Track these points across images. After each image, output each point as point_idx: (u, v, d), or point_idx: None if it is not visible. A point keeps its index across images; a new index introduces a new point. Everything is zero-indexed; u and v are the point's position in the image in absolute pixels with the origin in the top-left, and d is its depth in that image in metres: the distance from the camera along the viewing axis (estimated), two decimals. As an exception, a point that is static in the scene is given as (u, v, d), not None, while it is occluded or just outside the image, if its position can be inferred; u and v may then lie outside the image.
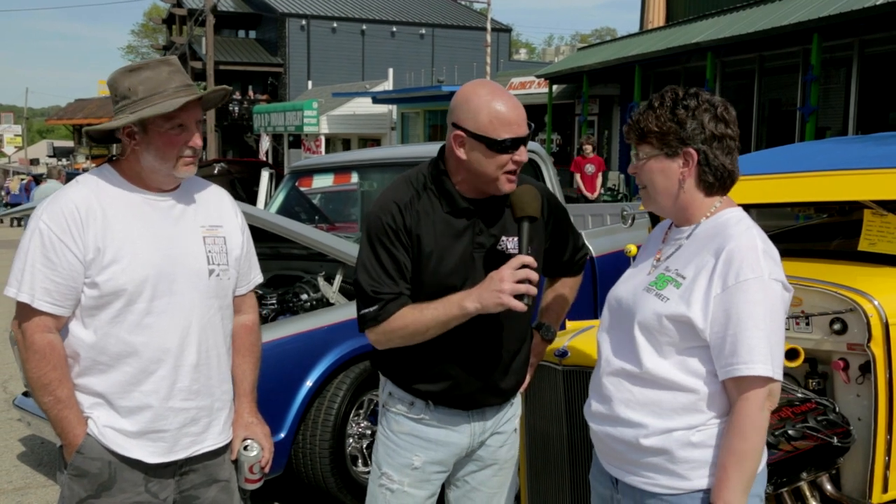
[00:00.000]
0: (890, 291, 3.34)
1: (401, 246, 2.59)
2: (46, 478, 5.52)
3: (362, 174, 7.32)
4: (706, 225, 2.28)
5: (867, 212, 3.80)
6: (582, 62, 23.35)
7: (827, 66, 15.81)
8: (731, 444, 2.14)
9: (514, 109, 2.54)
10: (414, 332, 2.54)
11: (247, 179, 12.18)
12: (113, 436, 2.46)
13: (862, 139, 5.32)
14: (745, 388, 2.12)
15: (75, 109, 55.09)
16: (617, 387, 2.31)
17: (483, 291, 2.42)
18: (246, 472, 2.68)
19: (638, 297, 2.31)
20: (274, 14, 45.59)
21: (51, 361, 2.40)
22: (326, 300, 5.28)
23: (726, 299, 2.13)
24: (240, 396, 2.72)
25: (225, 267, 2.62)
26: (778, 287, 2.16)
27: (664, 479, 2.23)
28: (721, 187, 2.30)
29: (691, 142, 2.23)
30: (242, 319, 2.77)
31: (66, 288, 2.39)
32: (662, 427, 2.22)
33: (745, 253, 2.15)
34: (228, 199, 2.76)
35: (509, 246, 2.65)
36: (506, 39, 49.94)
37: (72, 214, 2.39)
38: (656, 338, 2.23)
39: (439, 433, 2.74)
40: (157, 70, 2.49)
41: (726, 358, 2.13)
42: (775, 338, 2.13)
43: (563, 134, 26.77)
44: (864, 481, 3.22)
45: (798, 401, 3.13)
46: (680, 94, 2.27)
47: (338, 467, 4.67)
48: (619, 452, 2.33)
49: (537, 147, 6.17)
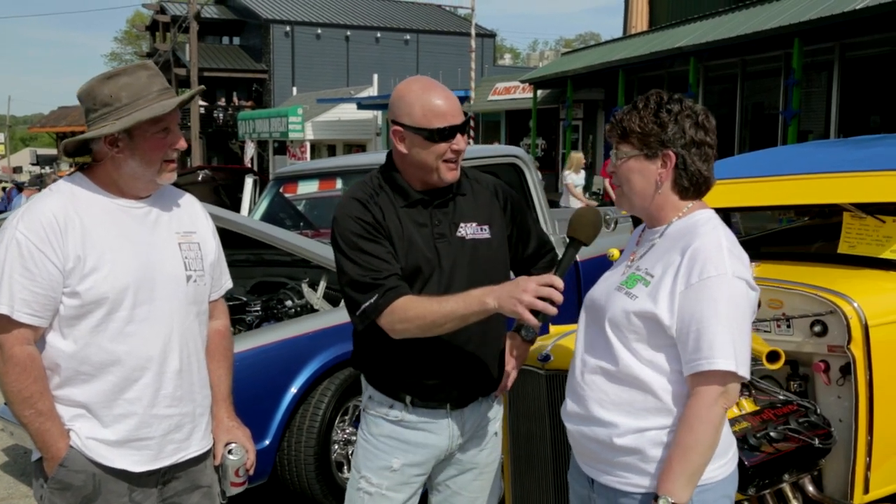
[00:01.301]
0: (869, 293, 3.37)
1: (382, 237, 2.63)
2: (29, 488, 5.48)
3: (347, 180, 7.31)
4: (677, 225, 2.33)
5: (846, 215, 3.84)
6: (566, 67, 23.43)
7: (808, 69, 15.91)
8: (677, 437, 2.17)
9: (447, 100, 2.64)
10: (432, 323, 2.52)
11: (231, 186, 12.16)
12: (96, 447, 2.44)
13: (843, 143, 5.35)
14: (701, 382, 2.15)
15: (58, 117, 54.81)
16: (591, 387, 2.35)
17: (503, 293, 2.41)
18: (231, 475, 2.67)
19: (610, 295, 2.36)
20: (258, 20, 45.50)
21: (31, 374, 2.36)
22: (311, 307, 5.27)
23: (690, 296, 2.17)
24: (217, 401, 2.71)
25: (201, 272, 2.61)
26: (742, 285, 2.19)
27: (637, 479, 2.26)
28: (695, 192, 2.34)
29: (671, 144, 2.28)
30: (215, 325, 2.76)
31: (45, 298, 2.36)
32: (635, 426, 2.25)
33: (710, 251, 2.18)
34: (198, 205, 2.75)
35: (468, 232, 2.71)
36: (490, 45, 50.00)
37: (50, 224, 2.36)
38: (625, 334, 2.27)
39: (418, 435, 2.75)
40: (136, 75, 2.47)
41: (690, 354, 2.17)
42: (739, 334, 2.15)
43: (547, 139, 26.82)
44: (845, 482, 3.24)
45: (780, 403, 3.15)
46: (664, 98, 2.31)
47: (323, 474, 4.67)
48: (593, 452, 2.36)
49: (520, 151, 6.18)
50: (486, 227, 2.77)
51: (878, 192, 3.63)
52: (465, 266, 2.69)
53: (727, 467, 2.30)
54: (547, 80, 24.30)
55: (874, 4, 13.09)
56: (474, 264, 2.71)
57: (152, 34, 51.55)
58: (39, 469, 2.48)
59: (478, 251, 2.73)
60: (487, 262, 2.74)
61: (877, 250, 3.69)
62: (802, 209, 4.82)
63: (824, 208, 4.62)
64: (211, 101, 43.06)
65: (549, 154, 26.73)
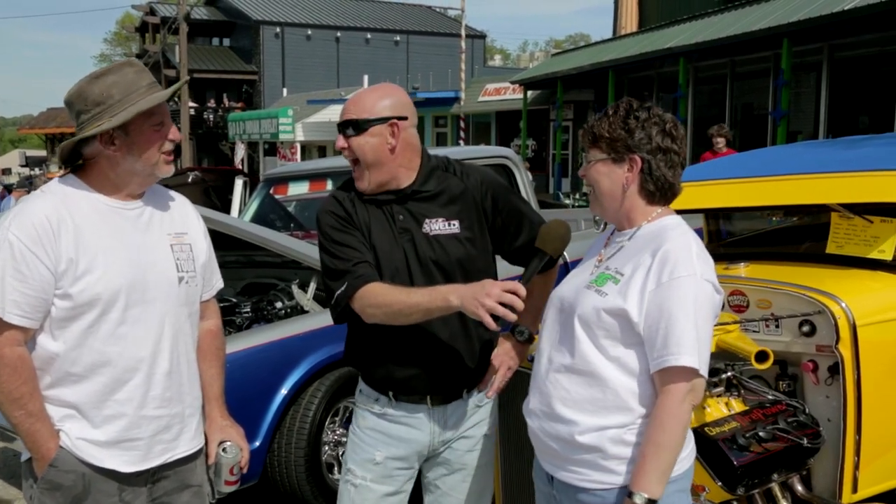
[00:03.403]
0: (857, 293, 3.38)
1: (354, 229, 2.71)
2: (19, 490, 5.46)
3: (337, 181, 7.28)
4: (646, 228, 2.40)
5: (834, 215, 3.85)
6: (556, 68, 23.48)
7: (797, 70, 15.97)
8: (650, 435, 2.23)
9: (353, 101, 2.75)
10: (398, 311, 2.57)
11: (221, 188, 12.13)
12: (86, 447, 2.44)
13: (831, 143, 5.38)
14: (669, 379, 2.21)
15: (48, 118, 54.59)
16: (554, 384, 2.40)
17: (467, 293, 2.45)
18: (225, 474, 2.69)
19: (579, 293, 2.41)
20: (248, 22, 45.42)
21: (22, 375, 2.37)
22: (301, 308, 5.27)
23: (660, 295, 2.24)
24: (210, 401, 2.72)
25: (193, 274, 2.61)
26: (709, 287, 2.27)
27: (596, 475, 2.32)
28: (662, 197, 2.42)
29: (637, 150, 2.37)
30: (207, 325, 2.76)
31: (36, 300, 2.36)
32: (597, 424, 2.30)
33: (680, 253, 2.26)
34: (190, 206, 2.76)
35: (433, 228, 2.74)
36: (480, 46, 50.02)
37: (42, 226, 2.35)
38: (594, 331, 2.32)
39: (400, 429, 2.80)
40: (122, 72, 2.47)
41: (658, 350, 2.23)
42: (703, 334, 2.23)
43: (537, 139, 26.87)
44: (834, 482, 3.25)
45: (768, 403, 3.16)
46: (633, 106, 2.40)
47: (313, 475, 4.66)
48: (553, 449, 2.41)
49: (510, 152, 6.20)
50: (456, 221, 2.77)
51: (866, 193, 3.65)
52: (430, 262, 2.71)
53: (685, 462, 2.36)
54: (537, 80, 24.35)
55: (863, 5, 13.16)
56: (443, 259, 2.73)
57: (142, 35, 51.39)
58: (29, 469, 2.48)
59: (444, 247, 2.74)
60: (455, 257, 2.74)
61: (865, 250, 3.70)
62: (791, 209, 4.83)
63: (812, 208, 4.64)
64: (201, 103, 42.95)
65: (539, 155, 26.77)
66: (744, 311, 3.54)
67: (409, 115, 2.74)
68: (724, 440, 2.87)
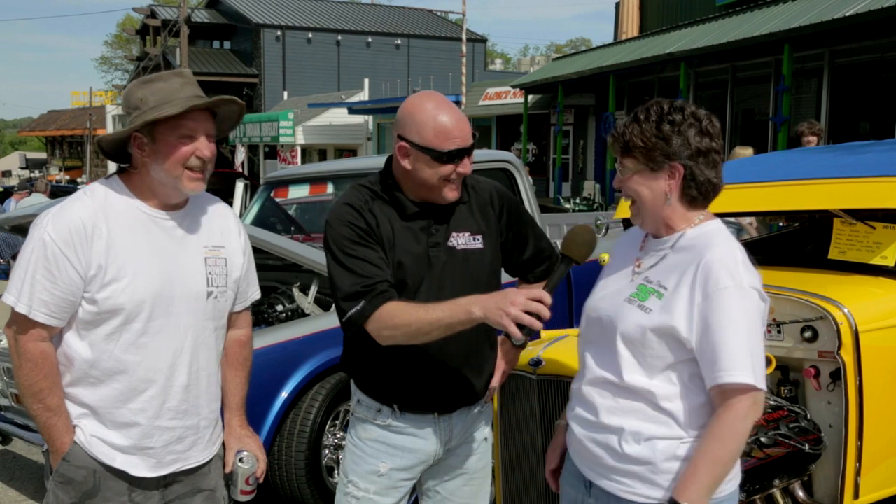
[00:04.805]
0: (859, 299, 3.38)
1: (374, 243, 2.62)
2: (19, 493, 5.46)
3: (338, 185, 7.31)
4: (690, 235, 2.28)
5: (837, 221, 3.85)
6: (557, 72, 23.49)
7: (798, 76, 16.00)
8: (707, 447, 2.13)
9: (459, 122, 2.61)
10: (417, 330, 2.49)
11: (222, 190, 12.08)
12: (99, 445, 2.47)
13: (832, 149, 5.38)
14: (730, 395, 2.11)
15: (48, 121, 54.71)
16: (601, 395, 2.30)
17: (490, 304, 2.36)
18: (241, 483, 2.70)
19: (619, 307, 2.29)
20: (248, 25, 45.46)
21: (43, 370, 2.41)
22: (302, 311, 5.27)
23: (707, 307, 2.14)
24: (230, 409, 2.72)
25: (224, 289, 2.60)
26: (756, 295, 2.17)
27: (643, 488, 2.22)
28: (704, 200, 2.30)
29: (677, 157, 2.21)
30: (237, 334, 2.75)
31: (64, 301, 2.39)
32: (647, 434, 2.21)
33: (726, 262, 2.16)
34: (234, 219, 2.72)
35: (460, 242, 2.70)
36: (481, 50, 50.08)
37: (77, 230, 2.38)
38: (641, 352, 2.22)
39: (406, 440, 2.75)
40: (170, 81, 2.47)
41: (711, 366, 2.13)
42: (755, 346, 2.13)
43: (538, 143, 26.89)
44: (835, 487, 3.25)
45: (770, 408, 3.15)
46: (665, 109, 2.24)
47: (314, 478, 4.66)
48: (597, 456, 2.31)
49: (511, 156, 6.20)
50: (479, 237, 2.75)
51: (869, 199, 3.64)
52: (455, 276, 2.68)
53: (733, 483, 2.27)
54: (538, 85, 24.38)
55: (864, 11, 13.18)
56: (465, 275, 2.69)
57: (143, 38, 51.38)
58: (48, 462, 2.54)
59: (469, 262, 2.71)
60: (477, 273, 2.72)
61: (867, 256, 3.71)
62: (793, 215, 4.83)
63: (815, 214, 4.64)
64: (201, 106, 42.90)
65: (539, 159, 26.79)
66: (746, 316, 3.52)
67: None
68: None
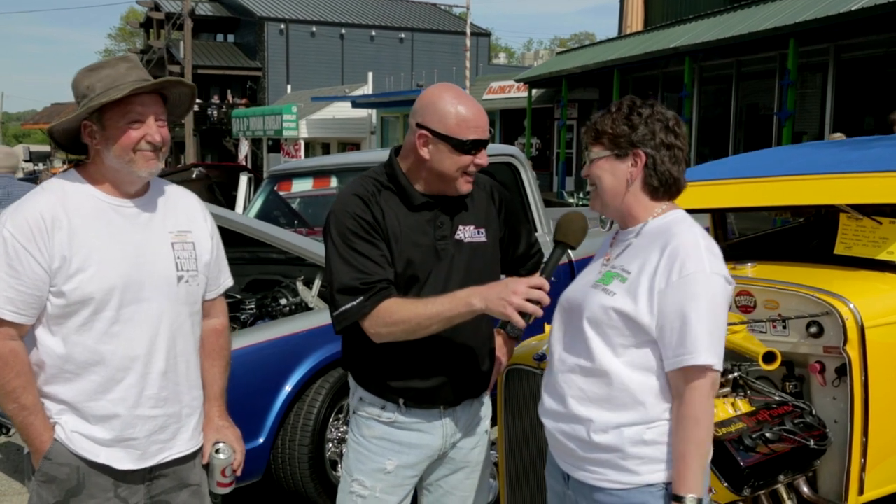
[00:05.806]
0: (865, 294, 3.38)
1: (379, 239, 2.60)
2: (22, 485, 5.47)
3: (342, 178, 7.30)
4: (652, 224, 2.38)
5: (843, 216, 3.84)
6: (561, 66, 23.44)
7: (803, 70, 15.95)
8: (687, 434, 2.21)
9: (479, 113, 2.63)
10: (417, 325, 2.50)
11: (225, 184, 12.09)
12: (81, 441, 2.44)
13: (838, 143, 5.36)
14: (692, 377, 2.20)
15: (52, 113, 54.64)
16: (569, 384, 2.37)
17: (491, 294, 2.39)
18: (218, 475, 2.66)
19: (586, 293, 2.39)
20: (252, 18, 45.45)
21: (14, 368, 2.37)
22: (305, 305, 5.26)
23: (671, 293, 2.22)
24: (210, 400, 2.70)
25: (194, 273, 2.59)
26: (720, 280, 2.25)
27: (614, 475, 2.30)
28: (666, 193, 2.39)
29: (641, 145, 2.34)
30: (212, 323, 2.74)
31: (29, 297, 2.36)
32: (613, 422, 2.29)
33: (688, 249, 2.24)
34: (198, 204, 2.71)
35: (466, 235, 2.70)
36: (485, 44, 50.04)
37: (37, 223, 2.35)
38: (606, 332, 2.30)
39: (412, 436, 2.73)
40: (116, 67, 2.45)
41: (673, 350, 2.21)
42: (717, 329, 2.22)
43: (542, 138, 26.84)
44: (840, 483, 3.24)
45: (775, 404, 3.15)
46: (637, 103, 2.39)
47: (317, 472, 4.66)
48: (570, 449, 2.38)
49: (515, 150, 6.18)
50: (483, 230, 2.75)
51: (875, 194, 3.64)
52: (462, 269, 2.67)
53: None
54: (542, 79, 24.32)
55: (869, 6, 13.13)
56: (470, 268, 2.69)
57: (146, 31, 51.36)
58: (29, 462, 2.50)
59: (474, 254, 2.72)
60: (482, 266, 2.73)
61: (873, 251, 3.69)
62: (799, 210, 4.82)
63: (820, 209, 4.62)
64: (205, 99, 42.97)
65: (543, 153, 26.76)
66: (751, 311, 3.53)
67: None
68: (731, 441, 2.86)
